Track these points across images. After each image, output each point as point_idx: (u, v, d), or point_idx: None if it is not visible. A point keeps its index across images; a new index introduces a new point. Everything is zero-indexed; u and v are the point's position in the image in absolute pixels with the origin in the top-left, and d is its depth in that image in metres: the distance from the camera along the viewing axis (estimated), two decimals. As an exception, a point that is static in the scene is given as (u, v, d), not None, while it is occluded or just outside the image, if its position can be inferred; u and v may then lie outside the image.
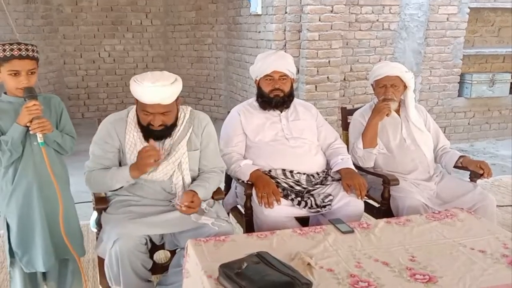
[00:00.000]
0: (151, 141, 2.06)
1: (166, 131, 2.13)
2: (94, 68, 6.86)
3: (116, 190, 2.16)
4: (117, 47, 6.89)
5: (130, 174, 2.06)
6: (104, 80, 6.93)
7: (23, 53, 1.89)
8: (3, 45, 1.89)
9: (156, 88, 1.97)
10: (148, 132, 2.11)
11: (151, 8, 6.89)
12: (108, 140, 2.15)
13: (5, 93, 2.01)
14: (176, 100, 2.11)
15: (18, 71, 1.90)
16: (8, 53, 1.87)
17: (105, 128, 2.16)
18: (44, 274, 2.16)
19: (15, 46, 1.88)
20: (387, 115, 2.68)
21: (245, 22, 5.70)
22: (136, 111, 2.14)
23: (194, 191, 2.11)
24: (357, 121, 2.85)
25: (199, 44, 6.81)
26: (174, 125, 2.16)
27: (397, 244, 1.94)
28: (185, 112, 2.23)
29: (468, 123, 5.90)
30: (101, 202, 2.21)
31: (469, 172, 2.72)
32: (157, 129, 2.09)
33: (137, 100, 2.09)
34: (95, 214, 2.29)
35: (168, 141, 2.18)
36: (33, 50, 1.93)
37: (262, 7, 5.06)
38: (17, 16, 5.76)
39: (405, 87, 2.75)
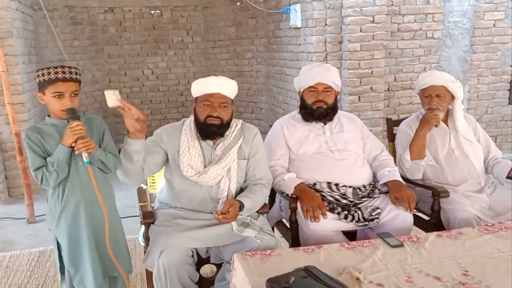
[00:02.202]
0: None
1: (220, 128, 2.23)
2: (138, 86, 7.07)
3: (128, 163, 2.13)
4: (160, 64, 7.08)
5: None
6: (147, 97, 7.13)
7: (67, 75, 1.95)
8: (48, 68, 1.96)
9: (218, 80, 2.24)
10: (204, 128, 2.21)
11: (192, 26, 7.05)
12: (159, 142, 2.27)
13: (49, 115, 2.07)
14: (231, 103, 2.29)
15: (62, 93, 1.96)
16: (52, 76, 1.94)
17: (159, 134, 2.30)
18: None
19: (59, 69, 1.95)
20: (436, 126, 2.61)
21: (284, 35, 5.73)
22: (195, 111, 2.26)
23: (237, 201, 2.16)
24: (404, 131, 2.79)
25: (239, 58, 6.90)
26: (227, 126, 2.26)
27: (449, 258, 1.88)
28: (237, 123, 2.35)
29: (520, 132, 5.66)
30: (148, 216, 2.24)
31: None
32: (214, 122, 2.19)
33: (196, 101, 2.26)
34: (142, 228, 2.34)
35: (220, 147, 2.26)
36: (76, 73, 2.00)
37: (302, 20, 5.07)
38: (65, 37, 6.04)
39: (453, 97, 2.67)
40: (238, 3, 6.58)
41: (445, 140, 2.70)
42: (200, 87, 2.23)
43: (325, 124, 2.61)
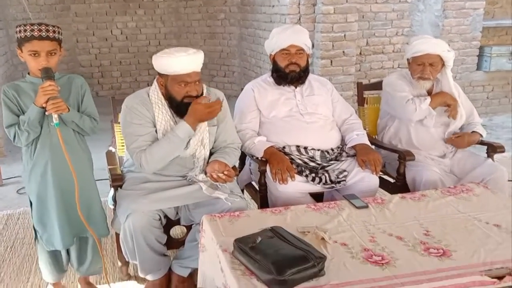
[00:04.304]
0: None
1: None
2: (107, 46, 6.85)
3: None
4: (129, 24, 6.86)
5: (189, 125, 2.08)
6: (117, 58, 6.93)
7: (43, 34, 1.90)
8: (25, 25, 1.91)
9: (190, 57, 2.05)
10: (181, 107, 2.12)
11: (163, -17, 6.83)
12: (145, 119, 2.15)
13: (29, 73, 2.03)
14: None
15: (38, 51, 1.91)
16: (28, 33, 1.89)
17: (135, 109, 2.15)
18: (67, 250, 2.21)
19: (35, 27, 1.90)
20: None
21: (258, -4, 5.61)
22: (166, 87, 2.13)
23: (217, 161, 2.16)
24: (397, 82, 2.71)
25: (212, 19, 6.74)
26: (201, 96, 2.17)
27: (412, 219, 1.95)
28: (202, 89, 2.23)
29: (487, 97, 5.79)
30: (117, 180, 2.24)
31: (485, 147, 2.70)
32: (191, 100, 2.09)
33: (163, 77, 2.11)
34: (112, 191, 2.33)
35: None
36: (54, 31, 1.94)
37: (275, -20, 4.97)
38: (29, -6, 5.77)
39: (443, 65, 2.63)
40: (211, -39, 6.39)
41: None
42: (173, 66, 2.06)
43: (296, 88, 2.61)
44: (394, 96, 2.70)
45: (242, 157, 2.75)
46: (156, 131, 2.17)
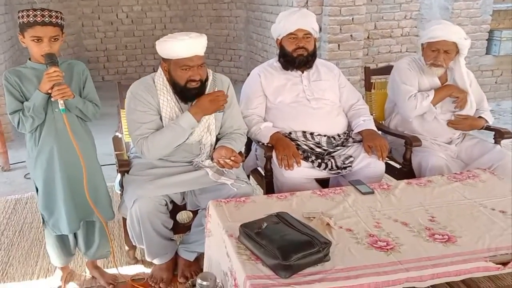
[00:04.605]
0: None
1: (201, 88, 2.15)
2: (112, 30, 6.82)
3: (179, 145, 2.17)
4: (135, 7, 6.82)
5: (193, 117, 2.10)
6: (122, 42, 6.91)
7: (46, 19, 1.89)
8: (27, 10, 1.90)
9: (192, 40, 2.05)
10: (185, 92, 2.13)
11: (169, -34, 6.76)
12: (149, 106, 2.16)
13: (30, 59, 2.03)
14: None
15: (41, 37, 1.91)
16: (31, 19, 1.88)
17: (140, 96, 2.16)
18: (74, 234, 2.24)
19: (38, 12, 1.89)
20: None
21: (265, -21, 5.55)
22: (169, 72, 2.14)
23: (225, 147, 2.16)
24: (407, 70, 2.68)
25: (218, 2, 6.68)
26: (205, 82, 2.17)
27: (417, 204, 1.95)
28: (208, 74, 2.22)
29: (495, 82, 5.73)
30: (124, 165, 2.26)
31: (493, 133, 2.68)
32: (195, 85, 2.11)
33: (167, 62, 2.12)
34: (119, 176, 2.34)
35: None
36: (56, 17, 1.93)
37: (282, -37, 4.90)
38: (34, -22, 5.72)
39: (457, 52, 2.58)
40: None
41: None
42: (175, 50, 2.06)
43: (303, 73, 2.59)
44: (399, 86, 2.68)
45: (248, 143, 2.75)
46: (161, 118, 2.17)
